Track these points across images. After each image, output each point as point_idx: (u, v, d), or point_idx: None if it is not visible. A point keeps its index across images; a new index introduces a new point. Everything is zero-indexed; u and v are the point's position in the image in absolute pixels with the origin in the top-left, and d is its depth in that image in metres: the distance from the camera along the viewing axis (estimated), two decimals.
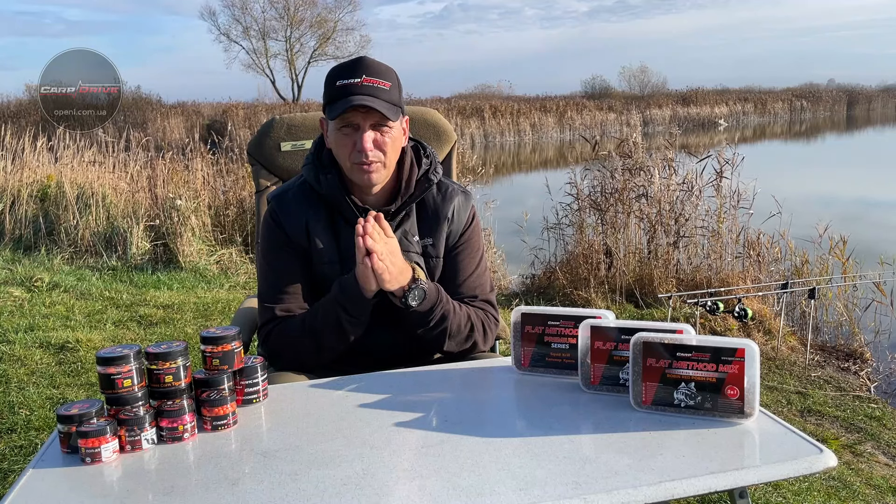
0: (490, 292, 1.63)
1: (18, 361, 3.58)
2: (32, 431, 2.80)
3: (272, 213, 1.56)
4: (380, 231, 1.43)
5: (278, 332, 1.51)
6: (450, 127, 2.00)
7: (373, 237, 1.40)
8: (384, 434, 1.13)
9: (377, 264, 1.40)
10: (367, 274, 1.41)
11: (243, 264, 5.69)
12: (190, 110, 21.46)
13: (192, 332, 4.01)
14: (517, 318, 1.37)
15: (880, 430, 2.94)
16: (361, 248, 1.40)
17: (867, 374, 3.64)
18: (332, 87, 1.47)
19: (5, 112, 16.53)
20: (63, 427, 1.10)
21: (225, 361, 1.21)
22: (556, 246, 5.27)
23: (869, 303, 4.43)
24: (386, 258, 1.41)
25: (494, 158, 17.35)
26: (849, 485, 2.44)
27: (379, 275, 1.41)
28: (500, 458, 1.03)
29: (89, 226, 5.97)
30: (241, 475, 1.01)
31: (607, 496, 0.93)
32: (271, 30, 36.14)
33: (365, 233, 1.40)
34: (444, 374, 1.44)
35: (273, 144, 1.98)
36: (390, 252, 1.43)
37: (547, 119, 24.76)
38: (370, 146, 1.46)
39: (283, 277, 1.54)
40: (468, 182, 6.23)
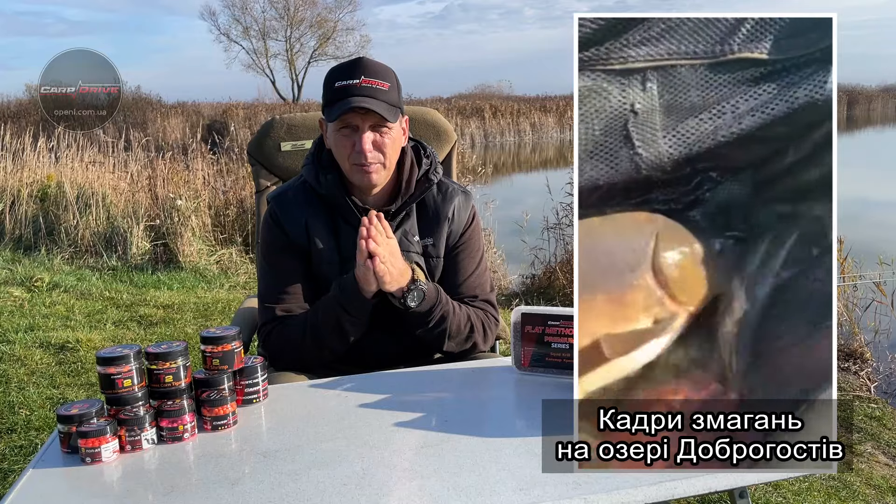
0: (490, 292, 1.63)
1: (18, 361, 3.58)
2: (32, 431, 2.80)
3: (272, 213, 1.56)
4: (381, 233, 1.43)
5: (278, 332, 1.51)
6: (450, 127, 2.00)
7: (376, 240, 1.40)
8: (384, 434, 1.13)
9: (379, 267, 1.40)
10: (367, 275, 1.41)
11: (243, 264, 5.69)
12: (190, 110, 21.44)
13: (192, 332, 4.01)
14: (517, 318, 1.37)
15: (880, 430, 2.94)
16: (364, 251, 1.40)
17: (867, 374, 3.64)
18: (330, 89, 1.47)
19: (5, 112, 16.52)
20: (63, 427, 1.10)
21: (225, 361, 1.21)
22: (556, 246, 5.27)
23: (869, 303, 4.42)
24: (387, 260, 1.41)
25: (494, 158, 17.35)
26: (849, 485, 2.44)
27: (380, 277, 1.41)
28: (500, 458, 1.03)
29: (89, 226, 5.97)
30: (241, 475, 1.01)
31: (607, 496, 0.93)
32: (271, 30, 36.15)
33: (368, 236, 1.40)
34: (444, 374, 1.44)
35: (273, 144, 1.98)
36: (391, 254, 1.43)
37: (547, 119, 24.73)
38: (369, 147, 1.46)
39: (283, 278, 1.54)
40: (468, 182, 6.22)
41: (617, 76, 0.87)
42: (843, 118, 33.28)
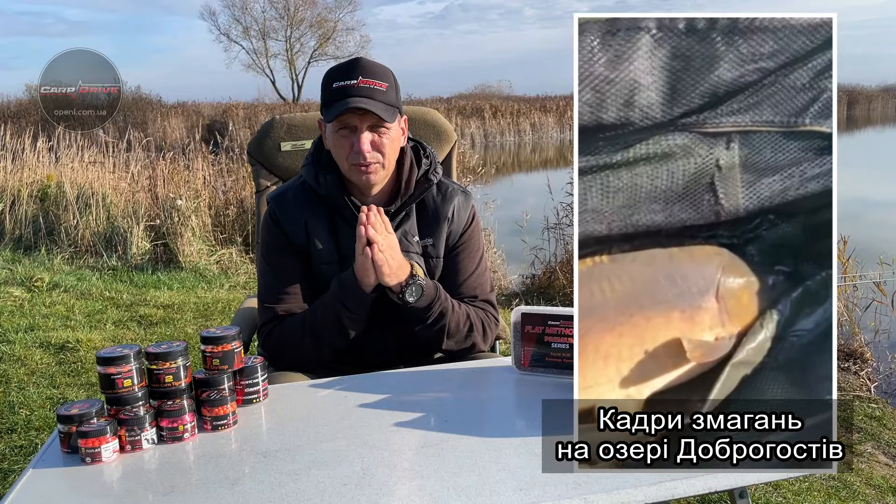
0: (490, 292, 1.63)
1: (18, 361, 3.58)
2: (32, 431, 2.80)
3: (272, 213, 1.57)
4: (381, 223, 1.43)
5: (279, 331, 1.51)
6: (450, 127, 2.00)
7: (375, 228, 1.41)
8: (384, 434, 1.13)
9: (377, 255, 1.40)
10: (366, 266, 1.42)
11: (243, 264, 5.69)
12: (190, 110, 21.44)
13: (192, 332, 4.01)
14: (517, 318, 1.37)
15: (880, 430, 2.94)
16: (362, 238, 1.40)
17: (867, 374, 3.64)
18: (328, 90, 1.47)
19: (5, 112, 16.52)
20: (63, 427, 1.10)
21: (225, 361, 1.21)
22: (557, 246, 5.27)
23: (869, 303, 4.42)
24: (386, 250, 1.42)
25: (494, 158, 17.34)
26: (849, 485, 2.44)
27: (378, 266, 1.41)
28: (500, 458, 1.03)
29: (89, 226, 5.97)
30: (241, 475, 1.01)
31: (607, 496, 0.93)
32: (271, 30, 36.15)
33: (368, 222, 1.40)
34: (444, 373, 1.44)
35: (273, 144, 1.98)
36: (390, 246, 1.43)
37: (547, 119, 24.73)
38: (368, 148, 1.46)
39: (282, 278, 1.54)
40: (468, 182, 6.22)
41: (708, 137, 1.05)
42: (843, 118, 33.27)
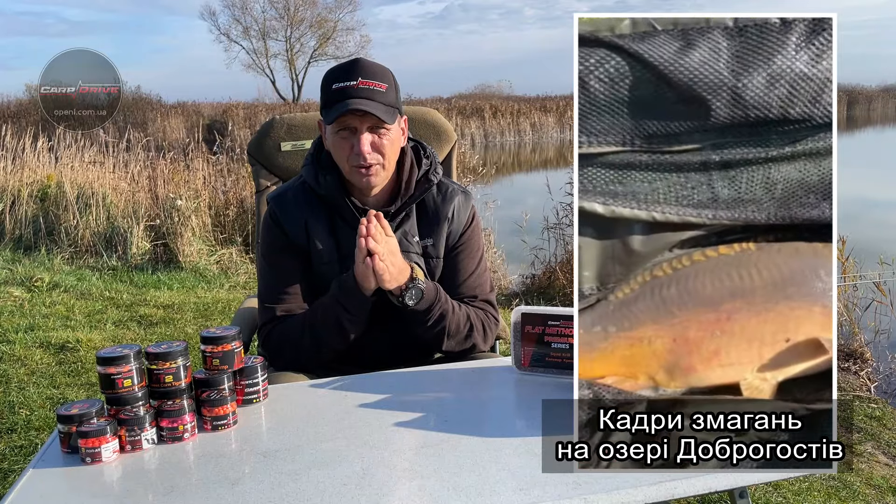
0: (490, 292, 1.63)
1: (18, 361, 3.58)
2: (32, 431, 2.80)
3: (272, 213, 1.57)
4: (381, 231, 1.43)
5: (279, 331, 1.51)
6: (450, 127, 2.00)
7: (375, 239, 1.41)
8: (384, 434, 1.13)
9: (378, 265, 1.40)
10: (366, 274, 1.42)
11: (243, 264, 5.69)
12: (190, 110, 21.44)
13: (192, 332, 4.01)
14: (517, 318, 1.37)
15: (880, 430, 2.94)
16: (363, 249, 1.40)
17: (867, 374, 3.64)
18: (328, 91, 1.47)
19: (5, 112, 16.52)
20: (63, 427, 1.10)
21: (225, 361, 1.21)
22: (557, 246, 5.26)
23: (869, 303, 4.42)
24: (387, 258, 1.41)
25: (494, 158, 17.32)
26: (849, 485, 2.44)
27: (379, 275, 1.41)
28: (500, 458, 1.03)
29: (89, 226, 5.97)
30: (241, 475, 1.01)
31: (607, 496, 0.93)
32: (271, 30, 36.16)
33: (368, 234, 1.40)
34: (444, 374, 1.44)
35: (273, 144, 1.98)
36: (390, 252, 1.43)
37: (547, 119, 24.73)
38: (368, 149, 1.46)
39: (282, 278, 1.54)
40: (468, 182, 6.22)
41: None
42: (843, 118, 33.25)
